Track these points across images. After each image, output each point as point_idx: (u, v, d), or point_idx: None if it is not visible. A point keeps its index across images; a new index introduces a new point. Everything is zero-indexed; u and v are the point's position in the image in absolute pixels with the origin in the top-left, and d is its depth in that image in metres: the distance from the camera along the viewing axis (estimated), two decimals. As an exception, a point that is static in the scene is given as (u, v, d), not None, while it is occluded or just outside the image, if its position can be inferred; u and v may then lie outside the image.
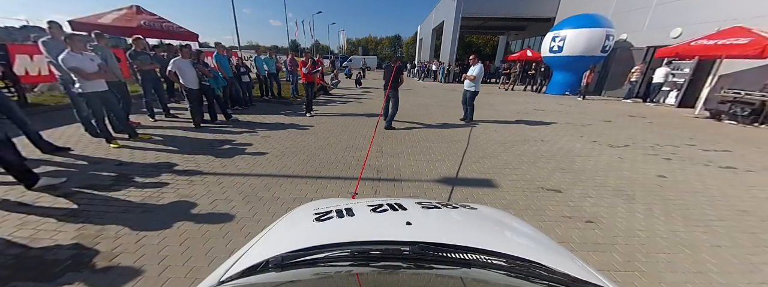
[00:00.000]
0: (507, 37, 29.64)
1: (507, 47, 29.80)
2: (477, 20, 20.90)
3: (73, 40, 3.60)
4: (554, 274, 0.62)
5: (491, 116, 7.03)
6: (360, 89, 13.05)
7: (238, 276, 0.63)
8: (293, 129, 5.29)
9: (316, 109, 7.57)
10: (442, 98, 10.74)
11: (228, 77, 6.30)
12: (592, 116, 7.32)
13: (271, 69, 8.38)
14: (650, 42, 10.73)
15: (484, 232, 0.92)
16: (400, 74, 5.09)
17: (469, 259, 0.64)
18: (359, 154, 3.98)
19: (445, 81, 17.85)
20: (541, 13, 16.76)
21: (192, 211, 2.41)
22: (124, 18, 6.55)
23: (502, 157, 4.01)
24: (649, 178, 3.43)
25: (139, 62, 4.83)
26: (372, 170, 3.44)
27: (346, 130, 5.34)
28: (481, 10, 17.21)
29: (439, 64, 18.82)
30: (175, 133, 4.80)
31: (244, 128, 5.22)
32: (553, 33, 11.73)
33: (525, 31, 24.95)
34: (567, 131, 5.68)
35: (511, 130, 5.64)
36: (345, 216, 0.90)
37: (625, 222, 2.44)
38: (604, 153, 4.32)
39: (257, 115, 6.45)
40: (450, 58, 18.40)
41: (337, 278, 0.61)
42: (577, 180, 3.28)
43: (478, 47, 49.41)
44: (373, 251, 0.68)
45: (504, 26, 24.94)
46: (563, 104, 9.41)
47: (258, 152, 3.94)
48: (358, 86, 13.83)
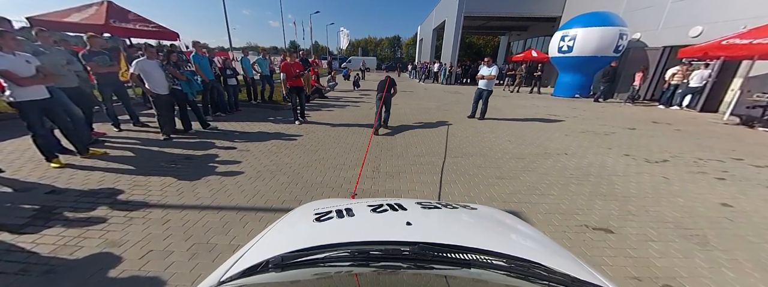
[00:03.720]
0: (508, 37, 29.08)
1: (508, 48, 29.25)
2: (479, 20, 20.27)
3: (3, 38, 2.93)
4: (554, 274, 0.61)
5: (501, 123, 6.35)
6: (358, 91, 12.38)
7: (238, 276, 0.63)
8: (278, 140, 4.60)
9: (309, 114, 6.90)
10: (445, 100, 10.07)
11: (208, 79, 5.62)
12: (612, 122, 6.64)
13: (263, 71, 7.70)
14: (666, 41, 10.08)
15: (484, 232, 0.92)
16: (393, 86, 5.31)
17: (469, 259, 0.64)
18: (352, 174, 3.29)
19: (447, 82, 17.18)
20: (546, 12, 16.11)
21: (110, 273, 1.72)
22: (94, 15, 5.87)
23: (524, 178, 3.33)
24: (712, 208, 2.74)
25: (94, 64, 4.14)
26: (366, 196, 2.75)
27: (339, 141, 4.66)
28: (483, 8, 16.55)
29: (440, 65, 18.13)
30: (138, 146, 4.11)
31: (221, 139, 4.54)
32: (562, 32, 11.07)
33: (527, 32, 24.38)
34: (591, 141, 5.00)
35: (527, 140, 4.96)
36: (345, 216, 0.90)
37: (716, 285, 1.76)
38: (643, 171, 3.64)
39: (241, 122, 5.77)
40: (451, 59, 17.72)
41: (337, 278, 0.61)
42: (625, 213, 2.59)
43: (478, 48, 48.87)
44: (373, 251, 0.67)
45: (506, 26, 24.34)
46: (576, 108, 8.73)
47: (229, 173, 3.25)
48: (356, 88, 13.16)
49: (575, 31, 10.56)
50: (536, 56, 15.52)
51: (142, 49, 4.19)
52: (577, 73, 11.22)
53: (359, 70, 19.50)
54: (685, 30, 9.43)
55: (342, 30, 44.88)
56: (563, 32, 11.03)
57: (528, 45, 24.25)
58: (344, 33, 44.92)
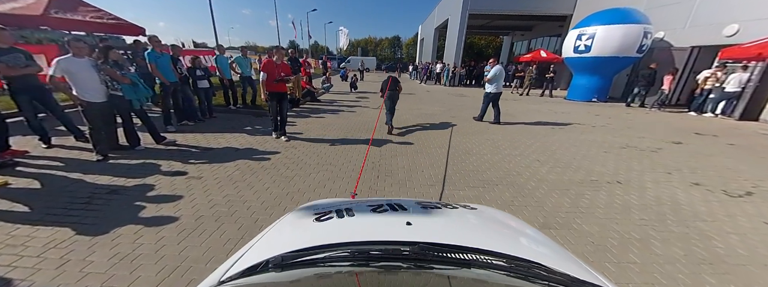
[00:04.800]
0: (511, 38, 28.19)
1: (511, 49, 28.35)
2: (483, 19, 19.32)
3: None
4: (554, 274, 0.61)
5: (519, 133, 5.37)
6: (355, 94, 11.40)
7: (238, 276, 0.62)
8: (246, 160, 3.62)
9: (295, 121, 5.93)
10: (450, 104, 9.11)
11: (169, 82, 4.63)
12: (649, 134, 5.67)
13: (245, 72, 6.72)
14: (695, 41, 9.12)
15: (484, 232, 0.92)
16: (397, 83, 5.19)
17: (469, 259, 0.64)
18: (335, 219, 2.31)
19: (450, 84, 16.20)
20: (556, 10, 15.14)
21: None
22: (32, 4, 4.86)
23: (579, 226, 2.35)
24: None
25: (3, 66, 3.14)
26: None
27: (325, 162, 3.68)
28: (489, 6, 15.58)
29: (443, 65, 17.13)
30: (57, 172, 3.12)
31: (173, 159, 3.55)
32: (579, 30, 10.10)
33: (531, 32, 23.49)
34: (639, 161, 4.03)
35: (560, 159, 3.99)
36: (345, 216, 0.90)
37: None
38: (732, 212, 2.67)
39: (209, 134, 4.78)
40: (455, 59, 16.74)
41: (337, 278, 0.61)
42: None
43: (479, 49, 47.90)
44: (373, 251, 0.68)
45: (509, 26, 23.40)
46: (600, 115, 7.76)
47: (156, 220, 2.26)
48: (354, 90, 12.18)
49: (594, 29, 9.60)
50: (545, 57, 14.59)
51: (67, 44, 3.20)
52: (594, 75, 10.25)
53: (358, 71, 18.54)
54: (717, 28, 8.48)
55: (341, 29, 43.92)
56: (580, 30, 10.06)
57: (532, 45, 23.33)
58: (343, 32, 43.95)
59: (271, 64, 4.24)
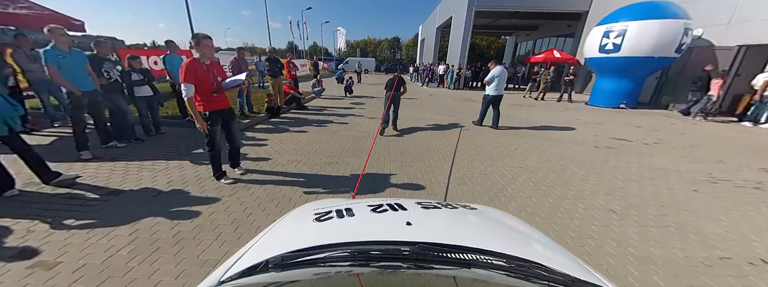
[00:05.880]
0: (515, 38, 26.98)
1: (515, 49, 27.16)
2: (489, 17, 18.10)
3: None
4: (554, 274, 0.60)
5: (563, 160, 4.05)
6: (349, 99, 10.11)
7: (238, 276, 0.61)
8: (160, 218, 2.30)
9: (266, 138, 4.62)
10: (457, 111, 7.84)
11: (80, 91, 3.30)
12: (724, 156, 4.35)
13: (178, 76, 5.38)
14: (742, 39, 7.84)
15: (484, 232, 0.90)
16: (402, 84, 4.99)
17: (469, 259, 0.63)
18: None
19: (455, 87, 14.90)
20: (570, 7, 13.89)
21: None
22: None
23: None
24: None
25: None
26: None
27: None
28: (497, 2, 14.34)
29: (447, 66, 15.83)
30: None
31: (42, 217, 2.23)
32: (605, 27, 8.82)
33: (536, 31, 22.31)
34: (755, 207, 2.72)
35: (645, 211, 2.67)
36: (345, 216, 0.89)
37: None
38: None
39: (138, 162, 3.47)
40: (460, 60, 15.44)
41: (337, 278, 0.60)
42: None
43: (481, 49, 46.69)
44: (373, 251, 0.67)
45: (514, 25, 22.11)
46: (641, 126, 6.45)
47: None
48: (348, 94, 10.89)
49: (624, 25, 8.31)
50: (559, 57, 13.34)
51: None
52: (623, 77, 8.94)
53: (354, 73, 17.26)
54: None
55: (339, 30, 42.87)
56: (607, 27, 8.78)
57: (537, 45, 22.11)
58: (341, 33, 42.85)
59: (196, 67, 2.56)
